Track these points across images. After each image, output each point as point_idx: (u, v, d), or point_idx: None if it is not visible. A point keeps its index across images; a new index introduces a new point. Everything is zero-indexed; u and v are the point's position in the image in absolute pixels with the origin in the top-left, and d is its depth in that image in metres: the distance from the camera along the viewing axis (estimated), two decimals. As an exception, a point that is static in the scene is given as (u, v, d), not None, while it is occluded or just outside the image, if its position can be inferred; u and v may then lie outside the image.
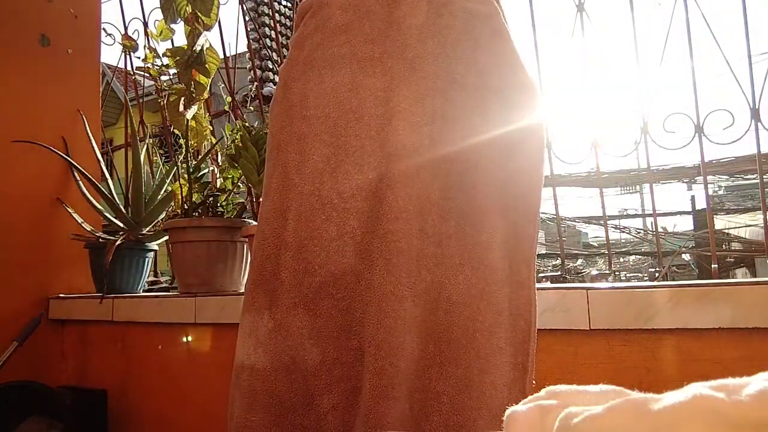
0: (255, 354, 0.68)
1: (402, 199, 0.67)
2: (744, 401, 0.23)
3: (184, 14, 1.40)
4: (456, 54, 0.75)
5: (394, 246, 0.65)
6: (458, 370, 0.66)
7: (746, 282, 0.90)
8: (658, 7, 6.31)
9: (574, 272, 8.24)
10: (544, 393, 0.31)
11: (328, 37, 0.76)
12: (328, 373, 0.65)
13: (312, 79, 0.74)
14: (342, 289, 0.67)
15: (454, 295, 0.68)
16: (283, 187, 0.71)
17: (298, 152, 0.72)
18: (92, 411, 1.49)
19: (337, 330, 0.66)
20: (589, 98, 1.35)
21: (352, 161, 0.69)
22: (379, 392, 0.61)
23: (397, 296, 0.64)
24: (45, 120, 1.75)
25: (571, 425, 0.25)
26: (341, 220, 0.68)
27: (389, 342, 0.63)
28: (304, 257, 0.68)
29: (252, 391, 0.67)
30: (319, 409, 0.65)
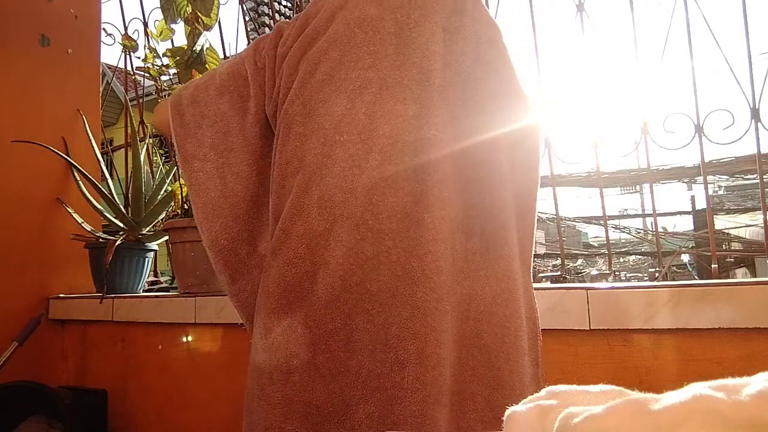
0: (288, 366, 0.71)
1: (438, 221, 0.72)
2: (744, 401, 0.23)
3: (184, 14, 1.40)
4: (470, 81, 0.79)
5: (435, 266, 0.71)
6: (491, 372, 0.73)
7: (746, 282, 0.90)
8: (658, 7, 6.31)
9: (574, 272, 8.24)
10: (544, 393, 0.31)
11: (350, 57, 0.77)
12: (365, 383, 0.69)
13: (340, 102, 0.75)
14: (377, 305, 0.70)
15: (482, 305, 0.75)
16: (320, 209, 0.73)
17: (335, 176, 0.73)
18: (92, 411, 1.49)
19: (373, 344, 0.69)
20: (589, 98, 1.35)
21: (388, 185, 0.72)
22: (431, 400, 0.67)
23: (440, 311, 0.70)
24: (45, 120, 1.75)
25: (571, 425, 0.25)
26: (377, 241, 0.71)
27: (437, 353, 0.68)
28: (340, 275, 0.71)
29: (287, 401, 0.71)
30: (354, 418, 0.68)
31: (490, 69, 0.81)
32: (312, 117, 0.76)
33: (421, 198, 0.72)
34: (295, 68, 0.81)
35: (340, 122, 0.74)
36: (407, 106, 0.75)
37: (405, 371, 0.67)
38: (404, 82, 0.75)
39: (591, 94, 1.36)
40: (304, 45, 0.81)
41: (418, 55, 0.77)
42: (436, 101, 0.76)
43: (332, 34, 0.79)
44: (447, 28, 0.80)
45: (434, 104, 0.76)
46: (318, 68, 0.77)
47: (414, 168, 0.73)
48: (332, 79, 0.76)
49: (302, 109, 0.77)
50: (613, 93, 1.49)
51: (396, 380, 0.67)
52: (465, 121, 0.78)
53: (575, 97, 1.36)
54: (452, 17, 0.81)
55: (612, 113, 1.41)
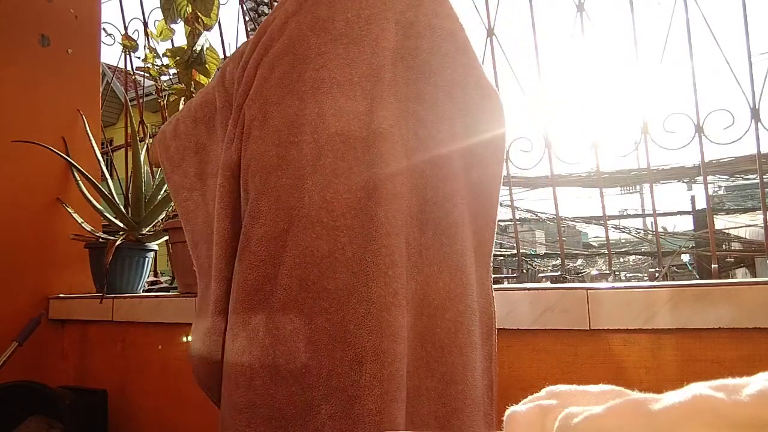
0: (250, 370, 0.71)
1: (391, 215, 0.72)
2: (744, 401, 0.23)
3: (184, 14, 1.40)
4: (425, 74, 0.80)
5: (390, 260, 0.70)
6: (444, 367, 0.74)
7: (746, 282, 0.90)
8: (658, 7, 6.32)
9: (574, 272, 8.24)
10: (544, 393, 0.31)
11: (302, 59, 0.78)
12: (326, 383, 0.68)
13: (293, 104, 0.76)
14: (335, 303, 0.70)
15: (436, 299, 0.75)
16: (278, 210, 0.73)
17: (291, 177, 0.74)
18: (92, 411, 1.49)
19: (332, 342, 0.69)
20: (589, 98, 1.35)
21: (341, 182, 0.73)
22: (389, 396, 0.66)
23: (396, 306, 0.70)
24: (45, 120, 1.75)
25: (571, 425, 0.25)
26: (331, 238, 0.71)
27: (393, 349, 0.68)
28: (297, 275, 0.71)
29: (250, 405, 0.71)
30: (317, 418, 0.68)
31: (447, 61, 0.81)
32: (267, 120, 0.77)
33: (374, 192, 0.72)
34: (253, 76, 0.82)
35: (293, 123, 0.75)
36: (357, 102, 0.75)
37: (363, 369, 0.67)
38: (354, 79, 0.76)
39: (591, 95, 1.36)
40: (261, 53, 0.82)
41: (368, 51, 0.77)
42: (387, 96, 0.76)
43: (286, 39, 0.80)
44: (400, 22, 0.80)
45: (385, 99, 0.76)
46: (273, 72, 0.79)
47: (366, 163, 0.73)
48: (285, 82, 0.78)
49: (258, 112, 0.78)
50: (613, 93, 1.49)
51: (354, 378, 0.67)
52: (418, 115, 0.79)
53: (575, 97, 1.36)
54: (407, 12, 0.81)
55: (612, 113, 1.41)
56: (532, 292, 1.04)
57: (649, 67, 1.34)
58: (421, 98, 0.79)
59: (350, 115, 0.75)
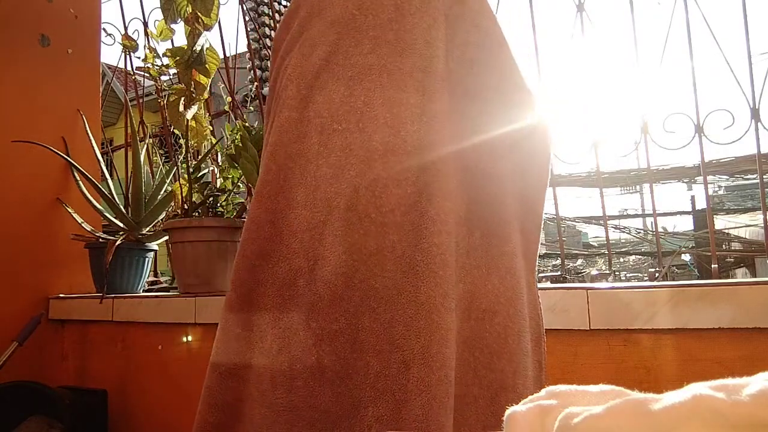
0: (291, 371, 0.67)
1: (443, 213, 0.68)
2: (744, 401, 0.23)
3: (184, 14, 1.40)
4: (473, 70, 0.76)
5: (441, 259, 0.66)
6: (493, 374, 0.69)
7: (746, 282, 0.90)
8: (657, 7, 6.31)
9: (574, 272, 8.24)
10: (544, 393, 0.31)
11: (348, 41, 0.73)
12: (373, 385, 0.65)
13: (338, 90, 0.71)
14: (383, 303, 0.66)
15: (484, 303, 0.71)
16: (315, 201, 0.69)
17: (331, 166, 0.69)
18: (92, 411, 1.49)
19: (380, 343, 0.65)
20: (589, 98, 1.35)
21: (391, 176, 0.68)
22: (437, 403, 0.62)
23: (445, 308, 0.66)
24: (45, 120, 1.75)
25: (571, 425, 0.25)
26: (380, 234, 0.67)
27: (442, 354, 0.64)
28: (344, 273, 0.67)
29: (292, 408, 0.67)
30: (363, 420, 0.65)
31: (492, 58, 0.78)
32: (309, 104, 0.72)
33: (425, 189, 0.68)
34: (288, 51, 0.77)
35: (338, 110, 0.70)
36: (409, 94, 0.71)
37: (410, 372, 0.63)
38: (405, 69, 0.72)
39: (591, 94, 1.36)
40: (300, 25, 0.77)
41: (420, 42, 0.73)
42: (439, 89, 0.73)
43: (329, 16, 0.74)
44: (449, 15, 0.76)
45: (437, 92, 0.72)
46: (314, 51, 0.73)
47: (417, 158, 0.69)
48: (329, 65, 0.73)
49: (297, 93, 0.73)
50: (613, 93, 1.49)
51: (402, 382, 0.64)
52: (468, 111, 0.75)
53: (575, 97, 1.36)
54: (453, 6, 0.78)
55: (612, 113, 1.41)
56: (532, 292, 1.04)
57: (649, 67, 1.34)
58: (469, 96, 0.76)
59: (401, 107, 0.70)
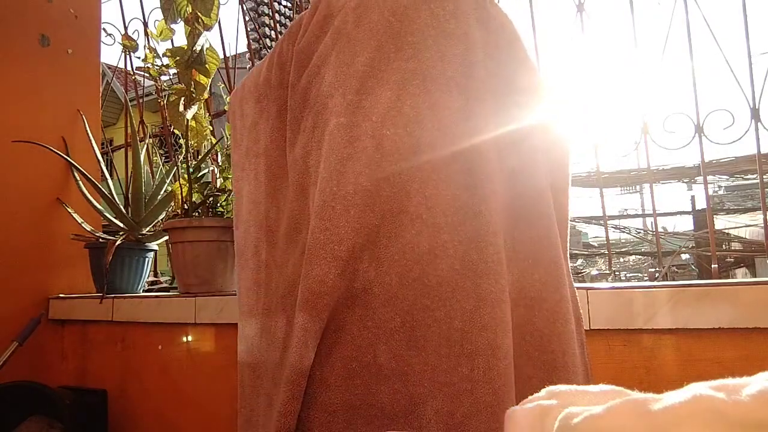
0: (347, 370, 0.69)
1: (494, 212, 0.72)
2: (744, 401, 0.23)
3: (184, 14, 1.40)
4: (507, 72, 0.80)
5: (497, 257, 0.70)
6: (544, 355, 0.75)
7: (746, 282, 0.90)
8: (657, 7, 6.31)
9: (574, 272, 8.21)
10: (544, 393, 0.31)
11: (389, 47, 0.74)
12: (431, 380, 0.67)
13: (384, 95, 0.72)
14: (437, 300, 0.68)
15: (531, 291, 0.76)
16: (371, 204, 0.69)
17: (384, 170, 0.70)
18: (92, 411, 1.49)
19: (436, 338, 0.68)
20: (589, 98, 1.35)
21: (440, 178, 0.70)
22: (506, 389, 0.67)
23: (505, 302, 0.70)
24: (45, 120, 1.75)
25: (571, 425, 0.25)
26: (432, 235, 0.69)
27: (505, 344, 0.68)
28: (397, 272, 0.69)
29: (349, 407, 0.68)
30: (422, 415, 0.67)
31: (519, 61, 0.82)
32: (358, 109, 0.72)
33: (476, 190, 0.71)
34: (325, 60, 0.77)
35: (386, 115, 0.71)
36: (453, 98, 0.73)
37: (475, 362, 0.66)
38: (448, 74, 0.74)
39: (591, 94, 1.36)
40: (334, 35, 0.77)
41: (460, 47, 0.75)
42: (481, 93, 0.75)
43: (366, 23, 0.75)
44: (480, 19, 0.79)
45: (480, 96, 0.75)
46: (356, 59, 0.74)
47: (465, 160, 0.72)
48: (373, 71, 0.73)
49: (343, 101, 0.73)
50: (613, 93, 1.48)
51: (464, 372, 0.66)
52: (506, 112, 0.78)
53: (575, 97, 1.36)
54: (480, 9, 0.80)
55: (612, 113, 1.41)
56: (532, 292, 1.04)
57: (649, 67, 1.34)
58: (508, 97, 0.79)
59: (446, 111, 0.72)
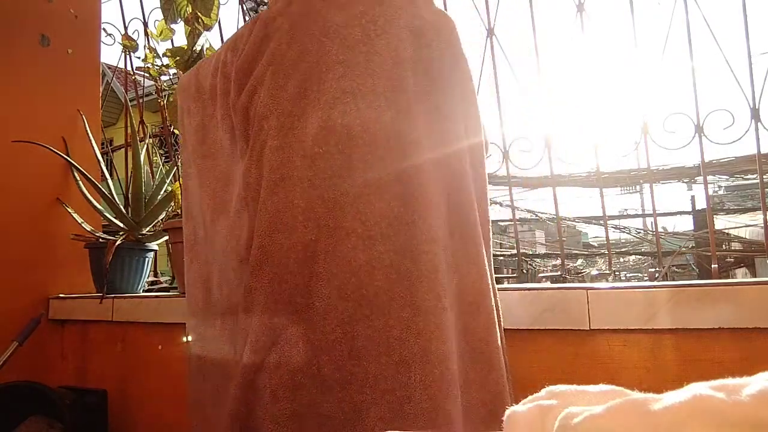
0: (293, 382, 0.71)
1: (429, 221, 0.74)
2: (744, 401, 0.23)
3: (184, 14, 1.40)
4: (440, 84, 0.83)
5: (432, 265, 0.73)
6: (484, 357, 0.78)
7: (746, 282, 0.90)
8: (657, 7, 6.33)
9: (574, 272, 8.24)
10: (544, 393, 0.31)
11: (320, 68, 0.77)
12: (373, 388, 0.70)
13: (316, 114, 0.75)
14: (376, 310, 0.71)
15: (470, 296, 0.79)
16: (306, 221, 0.73)
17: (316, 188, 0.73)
18: (92, 411, 1.49)
19: (376, 348, 0.70)
20: (589, 98, 1.35)
21: (372, 191, 0.73)
22: (443, 394, 0.69)
23: (441, 309, 0.72)
24: (45, 120, 1.75)
25: (571, 425, 0.25)
26: (367, 247, 0.72)
27: (441, 350, 0.71)
28: (336, 285, 0.71)
29: (296, 416, 0.71)
30: (366, 423, 0.69)
31: (454, 70, 0.85)
32: (290, 131, 0.76)
33: (410, 200, 0.74)
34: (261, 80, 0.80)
35: (318, 135, 0.74)
36: (383, 113, 0.76)
37: (411, 370, 0.69)
38: (378, 89, 0.76)
39: (591, 94, 1.36)
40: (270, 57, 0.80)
41: (389, 62, 0.78)
42: (412, 106, 0.78)
43: (299, 45, 0.78)
44: (413, 30, 0.81)
45: (411, 109, 0.77)
46: (289, 81, 0.77)
47: (397, 173, 0.74)
48: (305, 92, 0.77)
49: (277, 122, 0.77)
50: (613, 93, 1.49)
51: (403, 380, 0.69)
52: (440, 124, 0.81)
53: (575, 97, 1.36)
54: (415, 20, 0.82)
55: (612, 113, 1.41)
56: (532, 292, 1.04)
57: (649, 67, 1.34)
58: (439, 108, 0.81)
59: (377, 126, 0.75)
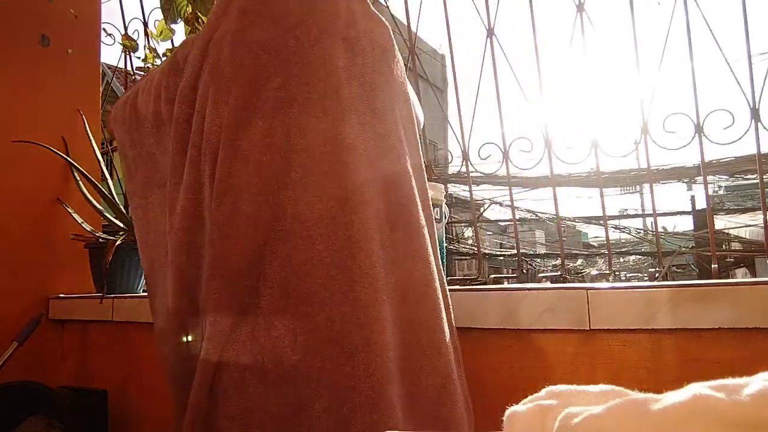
0: (241, 380, 0.75)
1: (365, 220, 0.79)
2: (744, 401, 0.23)
3: (184, 14, 1.40)
4: (374, 91, 0.87)
5: (369, 261, 0.78)
6: (433, 343, 0.83)
7: (746, 282, 0.90)
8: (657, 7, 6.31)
9: (574, 272, 8.23)
10: (544, 393, 0.31)
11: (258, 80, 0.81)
12: (316, 381, 0.74)
13: (258, 124, 0.80)
14: (317, 306, 0.75)
15: (416, 287, 0.84)
16: (257, 226, 0.78)
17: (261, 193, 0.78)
18: (92, 411, 1.49)
19: (318, 342, 0.74)
20: (589, 98, 1.35)
21: (312, 193, 0.78)
22: (386, 380, 0.74)
23: (379, 302, 0.77)
24: (45, 120, 1.75)
25: (571, 425, 0.25)
26: (307, 247, 0.76)
27: (381, 341, 0.76)
28: (278, 284, 0.76)
29: (245, 412, 0.75)
30: (311, 414, 0.73)
31: (389, 77, 0.90)
32: (234, 142, 0.80)
33: (346, 202, 0.79)
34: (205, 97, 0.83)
35: (261, 143, 0.79)
36: (320, 120, 0.81)
37: (355, 360, 0.74)
38: (313, 98, 0.81)
39: (591, 94, 1.36)
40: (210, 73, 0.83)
41: (323, 71, 0.82)
42: (347, 113, 0.82)
43: (237, 60, 0.82)
44: (347, 39, 0.86)
45: (346, 115, 0.82)
46: (230, 96, 0.81)
47: (334, 175, 0.79)
48: (246, 104, 0.81)
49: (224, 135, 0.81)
50: (613, 93, 1.49)
51: (347, 371, 0.73)
52: (375, 129, 0.86)
53: (575, 97, 1.36)
54: (349, 29, 0.87)
55: (612, 113, 1.41)
56: (532, 292, 1.04)
57: (649, 67, 1.34)
58: (374, 112, 0.86)
59: (314, 132, 0.80)
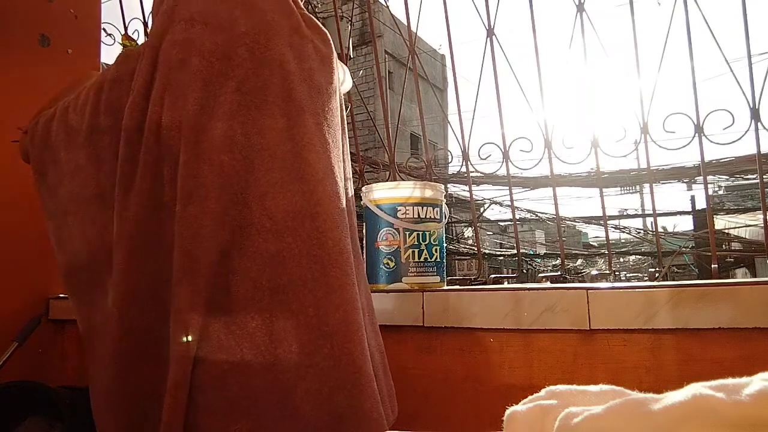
0: (222, 372, 0.77)
1: (330, 210, 0.84)
2: (744, 401, 0.23)
3: (184, 14, 1.40)
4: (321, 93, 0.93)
5: (337, 248, 0.83)
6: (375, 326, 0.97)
7: (746, 282, 0.90)
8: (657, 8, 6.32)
9: (574, 272, 8.24)
10: (544, 393, 0.31)
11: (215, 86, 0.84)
12: (297, 365, 0.77)
13: (217, 126, 0.82)
14: (290, 294, 0.79)
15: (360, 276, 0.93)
16: (223, 223, 0.80)
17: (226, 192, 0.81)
18: (92, 411, 1.48)
19: (296, 329, 0.78)
20: (590, 98, 1.35)
21: (276, 190, 0.82)
22: (361, 360, 0.80)
23: (351, 285, 0.83)
24: (45, 120, 1.75)
25: (571, 425, 0.25)
26: (276, 240, 0.80)
27: (357, 320, 0.82)
28: (251, 278, 0.79)
29: (228, 402, 0.77)
30: (295, 397, 0.76)
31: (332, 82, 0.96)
32: (196, 144, 0.82)
33: (310, 195, 0.83)
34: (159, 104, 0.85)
35: (222, 144, 0.82)
36: (276, 120, 0.85)
37: (334, 340, 0.78)
38: (269, 99, 0.85)
39: (591, 94, 1.36)
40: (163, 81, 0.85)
41: (277, 75, 0.86)
42: (301, 113, 0.87)
43: (192, 68, 0.84)
44: (292, 45, 0.90)
45: (300, 115, 0.87)
46: (187, 101, 0.83)
47: (296, 171, 0.84)
48: (204, 108, 0.83)
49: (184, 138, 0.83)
50: (613, 93, 1.49)
51: (326, 352, 0.78)
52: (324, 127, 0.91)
53: (575, 97, 1.36)
54: (293, 35, 0.91)
55: (612, 113, 1.41)
56: (532, 291, 1.04)
57: (649, 68, 1.34)
58: (324, 113, 0.92)
59: (273, 132, 0.84)
